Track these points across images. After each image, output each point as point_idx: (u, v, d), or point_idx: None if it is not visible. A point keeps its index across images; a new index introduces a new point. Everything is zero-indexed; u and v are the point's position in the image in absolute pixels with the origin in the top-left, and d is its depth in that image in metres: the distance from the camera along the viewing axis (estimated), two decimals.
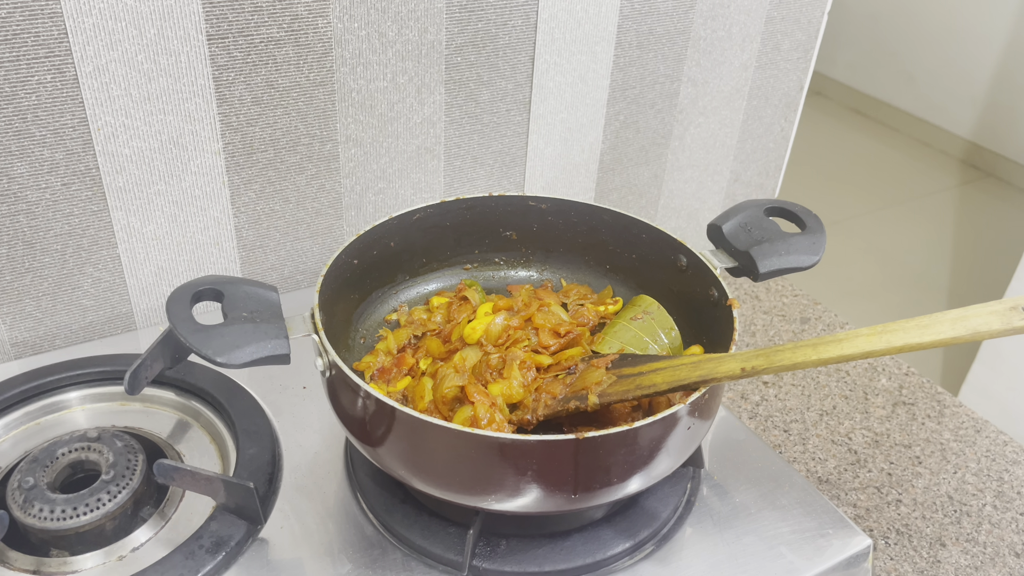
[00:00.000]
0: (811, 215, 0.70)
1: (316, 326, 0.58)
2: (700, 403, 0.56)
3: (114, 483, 0.62)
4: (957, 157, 3.50)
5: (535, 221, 0.76)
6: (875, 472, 0.79)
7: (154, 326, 0.86)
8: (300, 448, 0.69)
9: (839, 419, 0.85)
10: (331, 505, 0.64)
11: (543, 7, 0.89)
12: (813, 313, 1.01)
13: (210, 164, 0.80)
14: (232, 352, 0.53)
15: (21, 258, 0.76)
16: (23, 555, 0.60)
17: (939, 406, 0.88)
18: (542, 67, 0.92)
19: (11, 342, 0.79)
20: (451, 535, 0.61)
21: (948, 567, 0.71)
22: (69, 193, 0.75)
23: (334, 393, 0.60)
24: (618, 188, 1.07)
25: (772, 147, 1.17)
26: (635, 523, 0.63)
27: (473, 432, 0.52)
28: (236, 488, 0.60)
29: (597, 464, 0.54)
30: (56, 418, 0.72)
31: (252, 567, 0.59)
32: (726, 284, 0.65)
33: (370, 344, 0.72)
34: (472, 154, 0.94)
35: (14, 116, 0.69)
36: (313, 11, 0.77)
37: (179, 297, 0.56)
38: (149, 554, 0.60)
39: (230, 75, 0.76)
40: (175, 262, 0.84)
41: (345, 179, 0.88)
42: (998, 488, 0.79)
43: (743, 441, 0.73)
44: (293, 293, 0.90)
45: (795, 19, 1.07)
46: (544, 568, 0.60)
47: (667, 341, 0.69)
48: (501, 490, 0.54)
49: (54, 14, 0.67)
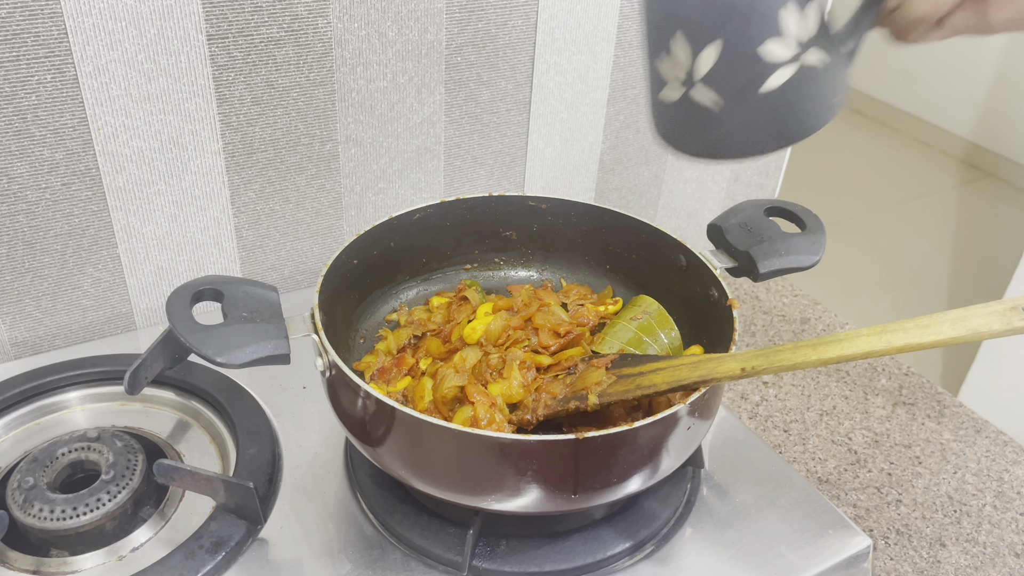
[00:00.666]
0: (811, 215, 0.70)
1: (316, 326, 0.58)
2: (700, 403, 0.56)
3: (114, 483, 0.62)
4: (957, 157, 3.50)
5: (535, 221, 0.76)
6: (875, 472, 0.79)
7: (154, 326, 0.86)
8: (300, 448, 0.69)
9: (839, 419, 0.85)
10: (331, 505, 0.64)
11: (543, 7, 0.89)
12: (813, 313, 1.01)
13: (210, 164, 0.80)
14: (232, 352, 0.53)
15: (21, 258, 0.76)
16: (23, 555, 0.60)
17: (939, 406, 0.88)
18: (542, 67, 0.92)
19: (11, 342, 0.79)
20: (451, 535, 0.61)
21: (948, 567, 0.71)
22: (69, 193, 0.75)
23: (334, 393, 0.60)
24: (618, 188, 1.07)
25: None
26: (635, 523, 0.63)
27: (473, 432, 0.52)
28: (236, 488, 0.60)
29: (597, 464, 0.54)
30: (56, 418, 0.72)
31: (252, 567, 0.59)
32: (726, 284, 0.65)
33: (370, 344, 0.72)
34: (472, 154, 0.94)
35: (14, 116, 0.69)
36: (313, 11, 0.77)
37: (179, 297, 0.56)
38: (149, 554, 0.60)
39: (230, 75, 0.76)
40: (175, 262, 0.84)
41: (345, 179, 0.88)
42: (998, 488, 0.79)
43: (743, 441, 0.73)
44: (293, 293, 0.90)
45: None
46: (544, 568, 0.60)
47: (667, 341, 0.69)
48: (501, 490, 0.54)
49: (54, 14, 0.67)
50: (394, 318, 0.74)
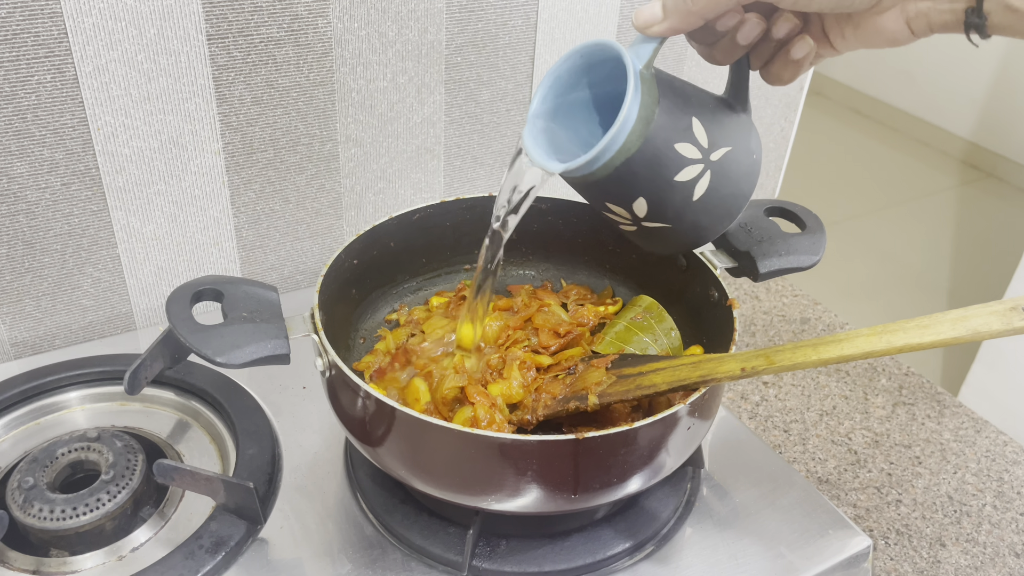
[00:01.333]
0: (811, 215, 0.70)
1: (316, 326, 0.58)
2: (700, 403, 0.56)
3: (114, 483, 0.62)
4: (957, 157, 3.50)
5: (535, 221, 0.76)
6: (875, 472, 0.79)
7: (154, 326, 0.86)
8: (300, 448, 0.69)
9: (839, 419, 0.85)
10: (331, 505, 0.64)
11: (543, 7, 0.89)
12: (813, 313, 1.01)
13: (210, 164, 0.80)
14: (232, 352, 0.53)
15: (21, 258, 0.76)
16: (23, 555, 0.60)
17: (939, 406, 0.88)
18: (542, 67, 0.92)
19: (11, 342, 0.79)
20: (451, 535, 0.61)
21: (948, 567, 0.71)
22: (69, 193, 0.75)
23: (334, 393, 0.60)
24: None
25: (772, 147, 1.17)
26: (635, 523, 0.63)
27: (473, 432, 0.52)
28: (236, 488, 0.60)
29: (597, 464, 0.54)
30: (56, 418, 0.72)
31: (252, 567, 0.59)
32: (726, 284, 0.65)
33: (370, 344, 0.72)
34: (472, 154, 0.94)
35: (14, 116, 0.69)
36: (313, 11, 0.77)
37: (179, 297, 0.56)
38: (149, 554, 0.60)
39: (230, 75, 0.76)
40: (175, 262, 0.84)
41: (345, 179, 0.88)
42: (998, 488, 0.79)
43: (743, 441, 0.73)
44: (293, 293, 0.90)
45: None
46: (544, 568, 0.60)
47: (667, 341, 0.69)
48: (501, 490, 0.54)
49: (54, 14, 0.67)
50: (394, 318, 0.74)
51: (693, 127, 0.53)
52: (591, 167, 0.52)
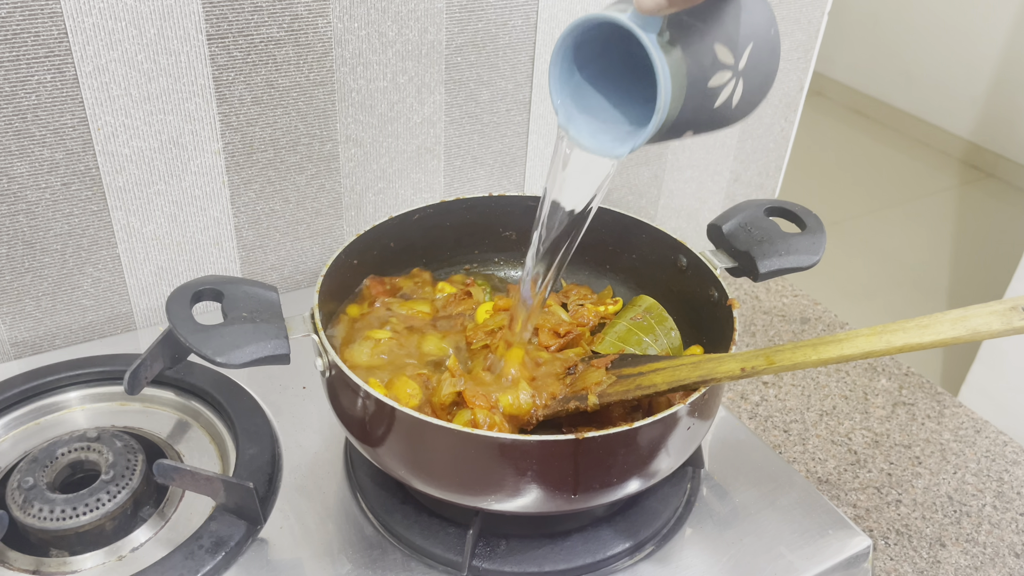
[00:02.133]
0: (811, 215, 0.70)
1: (316, 326, 0.58)
2: (700, 403, 0.56)
3: (114, 483, 0.62)
4: (957, 157, 3.50)
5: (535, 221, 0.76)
6: (875, 472, 0.79)
7: (154, 326, 0.86)
8: (300, 448, 0.69)
9: (839, 419, 0.85)
10: (331, 505, 0.64)
11: (543, 7, 0.88)
12: (813, 313, 1.01)
13: (210, 164, 0.80)
14: (232, 352, 0.53)
15: (21, 258, 0.76)
16: (23, 555, 0.60)
17: (939, 406, 0.88)
18: (542, 67, 0.92)
19: (11, 342, 0.79)
20: (451, 535, 0.61)
21: (948, 567, 0.71)
22: (69, 193, 0.75)
23: (334, 393, 0.60)
24: (618, 188, 1.07)
25: (772, 147, 1.17)
26: (635, 523, 0.63)
27: (473, 432, 0.52)
28: (236, 488, 0.60)
29: (597, 464, 0.54)
30: (56, 418, 0.72)
31: (252, 567, 0.59)
32: (726, 284, 0.65)
33: None
34: (472, 154, 0.94)
35: (14, 116, 0.69)
36: (313, 11, 0.77)
37: (179, 297, 0.56)
38: (149, 554, 0.60)
39: (230, 75, 0.76)
40: (175, 262, 0.84)
41: (345, 179, 0.88)
42: (998, 488, 0.79)
43: (743, 441, 0.73)
44: (293, 293, 0.90)
45: (795, 19, 1.07)
46: (544, 568, 0.60)
47: (667, 341, 0.69)
48: (501, 490, 0.54)
49: (54, 14, 0.67)
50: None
51: (718, 54, 0.51)
52: (642, 141, 0.51)
